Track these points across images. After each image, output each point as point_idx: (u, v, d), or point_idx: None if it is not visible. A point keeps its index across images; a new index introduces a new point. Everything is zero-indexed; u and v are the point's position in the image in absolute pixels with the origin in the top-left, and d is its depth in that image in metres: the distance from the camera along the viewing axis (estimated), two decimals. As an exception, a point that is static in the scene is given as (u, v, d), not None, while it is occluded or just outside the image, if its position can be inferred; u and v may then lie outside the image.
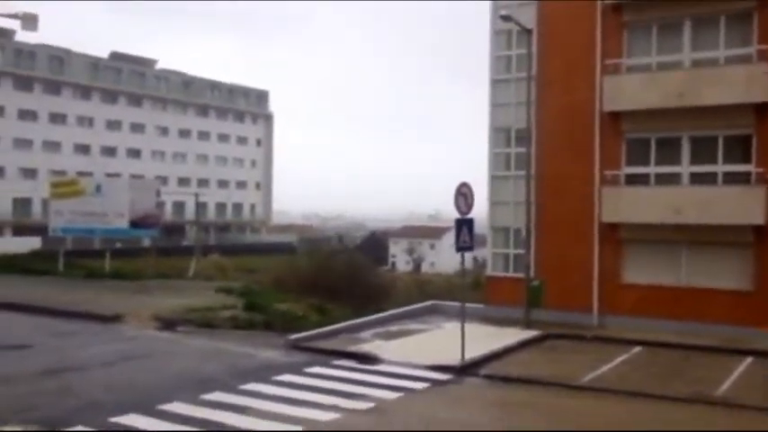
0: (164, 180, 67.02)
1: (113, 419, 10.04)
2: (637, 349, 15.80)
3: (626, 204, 18.15)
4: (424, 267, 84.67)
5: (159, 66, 77.23)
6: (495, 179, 20.73)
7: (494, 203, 20.80)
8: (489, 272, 20.97)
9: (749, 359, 14.73)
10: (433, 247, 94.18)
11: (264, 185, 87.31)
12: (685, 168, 17.84)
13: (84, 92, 69.84)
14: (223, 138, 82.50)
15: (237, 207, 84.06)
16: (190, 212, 67.27)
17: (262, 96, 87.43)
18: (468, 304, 15.17)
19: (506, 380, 13.26)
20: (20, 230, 57.55)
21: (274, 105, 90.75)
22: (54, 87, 67.25)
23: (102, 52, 69.66)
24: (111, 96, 71.90)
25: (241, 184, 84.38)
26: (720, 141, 17.41)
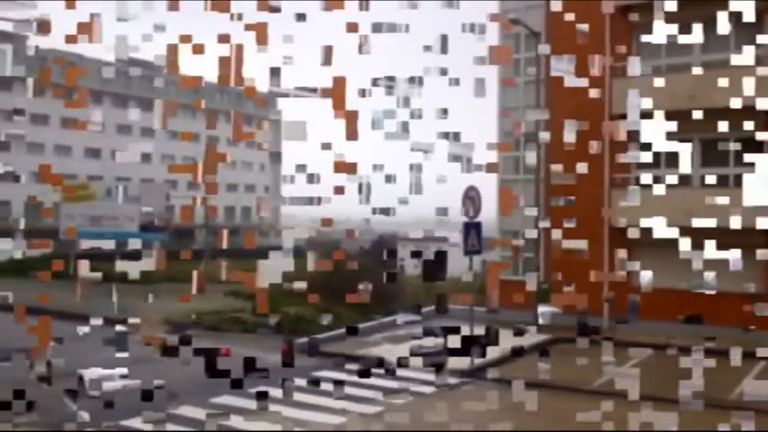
0: (173, 184, 67.33)
1: (124, 423, 10.07)
2: (648, 353, 15.68)
3: (636, 207, 18.04)
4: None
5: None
6: (504, 182, 20.69)
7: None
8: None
9: (762, 363, 14.59)
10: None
11: (273, 189, 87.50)
12: (696, 171, 17.73)
13: (96, 96, 70.36)
14: (232, 141, 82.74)
15: (246, 210, 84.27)
16: (199, 216, 67.54)
17: (270, 100, 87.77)
18: (476, 308, 15.11)
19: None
20: (30, 234, 57.95)
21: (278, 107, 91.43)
22: (66, 92, 67.83)
23: (112, 57, 70.50)
24: (121, 101, 72.46)
25: (250, 188, 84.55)
26: (731, 144, 17.30)
